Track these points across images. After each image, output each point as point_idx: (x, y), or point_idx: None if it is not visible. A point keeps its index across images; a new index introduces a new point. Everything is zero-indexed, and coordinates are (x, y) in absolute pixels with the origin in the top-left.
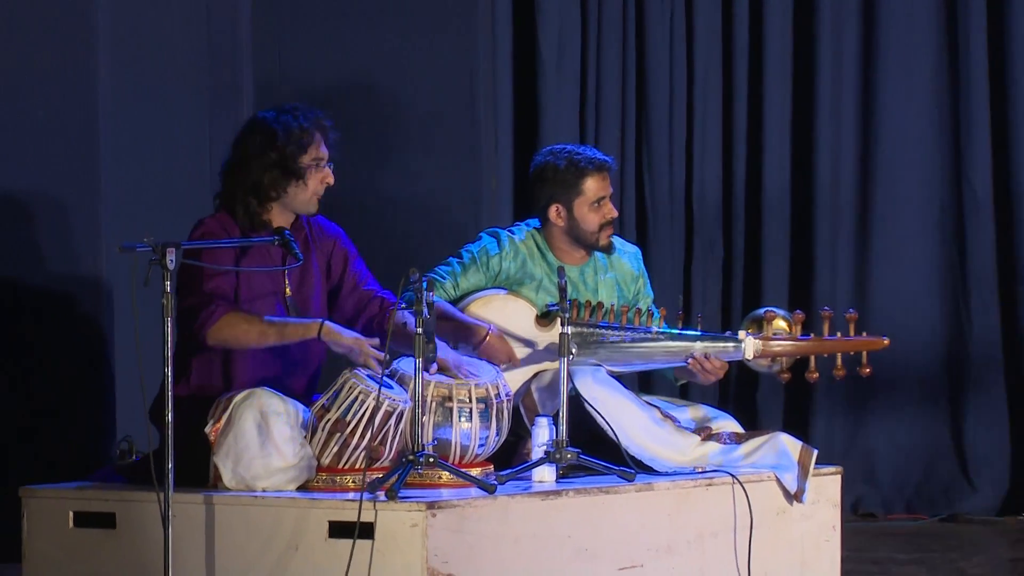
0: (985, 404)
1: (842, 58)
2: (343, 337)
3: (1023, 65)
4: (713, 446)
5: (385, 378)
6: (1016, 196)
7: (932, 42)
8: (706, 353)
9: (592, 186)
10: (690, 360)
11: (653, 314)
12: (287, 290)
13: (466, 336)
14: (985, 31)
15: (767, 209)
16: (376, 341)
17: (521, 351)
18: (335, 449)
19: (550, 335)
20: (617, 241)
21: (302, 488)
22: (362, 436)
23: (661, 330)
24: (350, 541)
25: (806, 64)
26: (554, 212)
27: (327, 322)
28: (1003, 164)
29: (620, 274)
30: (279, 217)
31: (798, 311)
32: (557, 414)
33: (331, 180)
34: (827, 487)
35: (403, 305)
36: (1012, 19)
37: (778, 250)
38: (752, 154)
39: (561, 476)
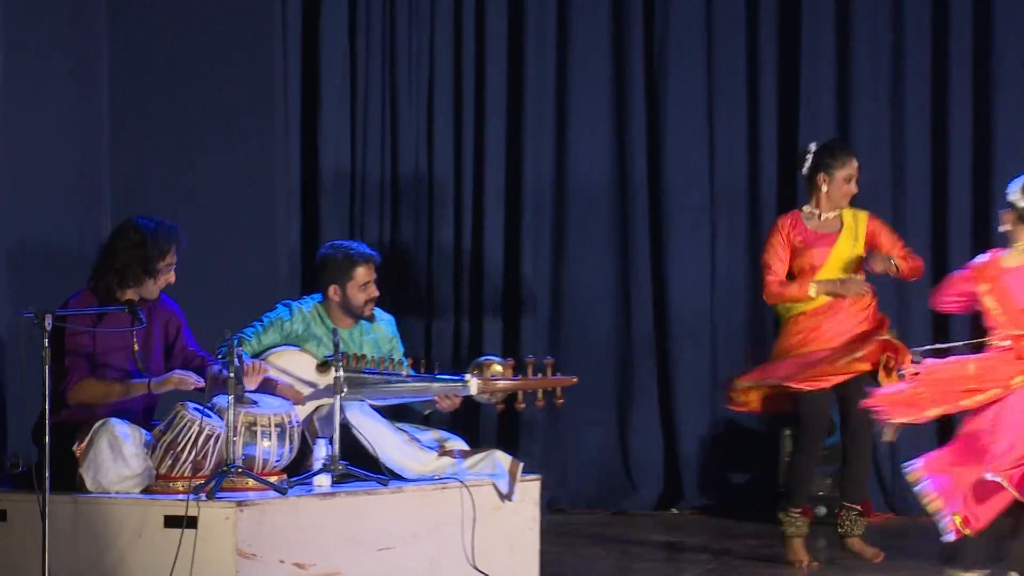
0: (643, 424)
1: (542, 178)
2: (164, 383)
3: (676, 179)
4: (447, 460)
5: (206, 409)
6: (669, 280)
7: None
8: (449, 394)
9: (361, 273)
10: (439, 397)
11: (403, 363)
12: (135, 346)
13: (265, 384)
14: (645, 131)
15: (486, 282)
16: (191, 376)
17: (305, 390)
18: (169, 462)
19: (327, 379)
20: (377, 311)
21: (145, 491)
22: (189, 452)
23: (409, 374)
24: (180, 530)
25: (515, 186)
26: (332, 291)
27: (151, 380)
28: (659, 256)
29: (379, 335)
30: (131, 295)
31: (509, 359)
32: (332, 436)
33: (172, 279)
34: (530, 490)
35: (219, 357)
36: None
37: (495, 313)
38: (476, 246)
39: (335, 482)
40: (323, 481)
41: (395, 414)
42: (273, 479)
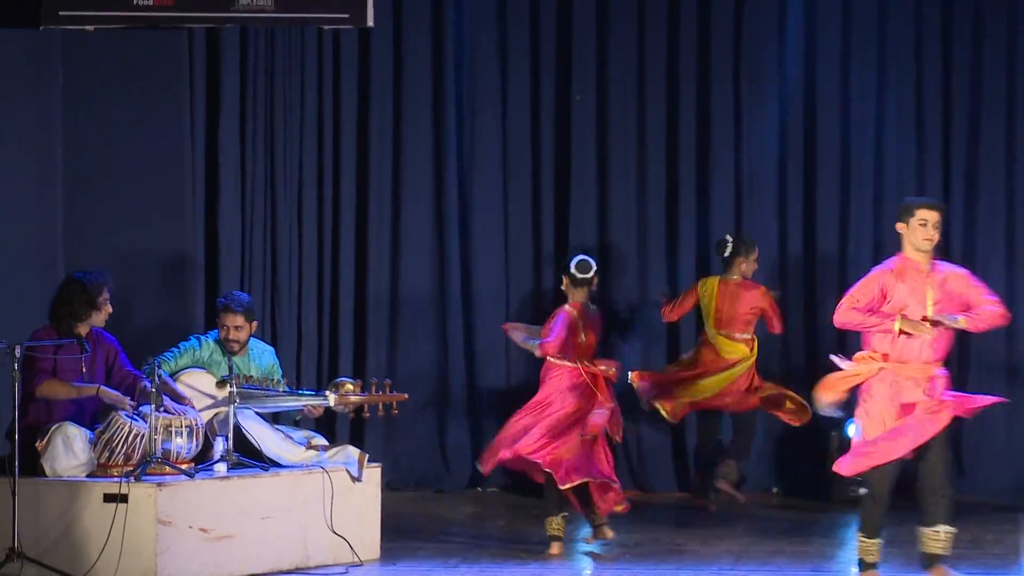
0: (456, 425)
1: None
2: (111, 395)
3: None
4: (313, 452)
5: (135, 415)
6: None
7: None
8: (313, 405)
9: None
10: (307, 407)
11: (280, 382)
12: (83, 369)
13: (178, 398)
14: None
15: (341, 323)
16: (128, 400)
17: (207, 401)
18: (107, 454)
19: (224, 392)
20: (260, 343)
21: (89, 475)
22: (122, 447)
23: (284, 390)
24: (115, 504)
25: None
26: (220, 329)
27: (102, 387)
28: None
29: (263, 361)
30: (83, 328)
31: (358, 379)
32: (228, 435)
33: (111, 309)
34: (373, 474)
35: (146, 376)
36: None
37: (347, 344)
38: (333, 296)
39: (230, 468)
40: (221, 468)
41: (274, 419)
42: (184, 467)
